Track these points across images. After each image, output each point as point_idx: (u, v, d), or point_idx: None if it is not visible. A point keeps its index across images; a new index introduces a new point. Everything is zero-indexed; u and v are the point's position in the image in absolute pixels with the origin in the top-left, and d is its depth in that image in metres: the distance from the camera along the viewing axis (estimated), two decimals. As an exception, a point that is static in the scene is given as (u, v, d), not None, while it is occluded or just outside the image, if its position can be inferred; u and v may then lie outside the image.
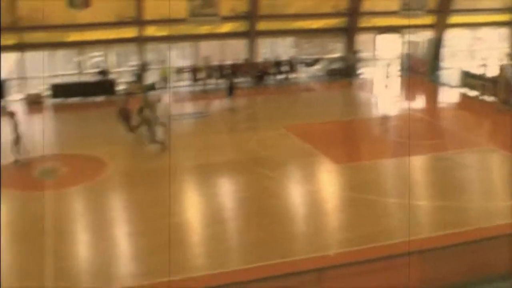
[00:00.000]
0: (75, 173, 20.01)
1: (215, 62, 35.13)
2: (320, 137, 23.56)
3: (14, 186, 19.00)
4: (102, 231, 15.59)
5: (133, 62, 34.85)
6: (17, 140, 20.69)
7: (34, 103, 31.72)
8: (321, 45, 40.24)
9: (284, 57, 37.48)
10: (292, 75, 36.95)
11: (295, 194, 18.29)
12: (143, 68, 33.67)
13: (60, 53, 34.98)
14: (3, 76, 33.15)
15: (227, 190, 18.73)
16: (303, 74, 37.61)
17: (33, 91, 32.74)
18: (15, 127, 20.75)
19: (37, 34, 32.36)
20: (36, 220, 16.10)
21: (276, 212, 16.25)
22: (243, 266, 13.26)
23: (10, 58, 34.19)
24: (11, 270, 13.80)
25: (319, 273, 11.44)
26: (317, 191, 18.24)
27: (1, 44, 31.61)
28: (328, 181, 19.39)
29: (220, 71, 34.78)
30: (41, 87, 32.95)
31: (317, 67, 38.23)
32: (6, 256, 14.63)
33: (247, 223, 15.72)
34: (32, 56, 33.39)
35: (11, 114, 21.03)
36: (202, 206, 17.22)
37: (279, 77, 36.78)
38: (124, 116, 23.60)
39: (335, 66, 38.18)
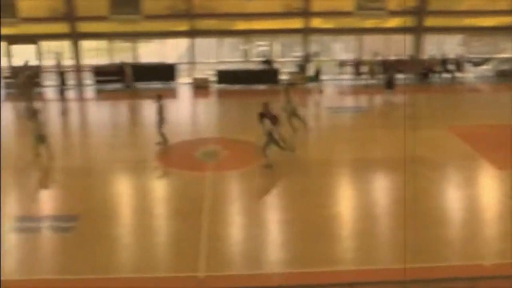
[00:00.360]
0: (235, 157, 20.68)
1: (379, 57, 34.66)
2: (484, 141, 22.50)
3: (176, 165, 20.04)
4: (255, 216, 16.02)
5: (297, 53, 35.28)
6: (160, 123, 21.48)
7: (200, 87, 33.13)
8: (491, 44, 38.40)
9: (451, 55, 36.20)
10: (458, 74, 35.59)
11: (453, 197, 17.64)
12: (306, 59, 33.99)
13: (228, 41, 36.20)
14: (175, 59, 35.08)
15: (382, 186, 18.49)
16: (470, 73, 36.13)
17: (200, 75, 34.18)
18: (161, 110, 21.59)
19: (207, 22, 33.71)
20: (195, 200, 16.91)
21: (431, 214, 15.78)
22: (392, 266, 13.05)
23: (181, 44, 35.98)
24: (168, 246, 14.62)
25: (472, 282, 11.01)
26: (476, 197, 17.50)
27: (175, 30, 33.42)
28: (489, 187, 18.50)
29: (384, 66, 34.27)
30: (208, 73, 34.35)
31: (486, 67, 36.53)
32: (165, 232, 15.56)
33: (400, 222, 15.40)
34: (201, 42, 34.88)
35: (159, 97, 21.84)
36: (355, 201, 17.12)
37: (445, 75, 35.57)
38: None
39: (506, 67, 36.27)
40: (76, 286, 12.53)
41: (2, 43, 34.14)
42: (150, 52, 36.75)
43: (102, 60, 35.13)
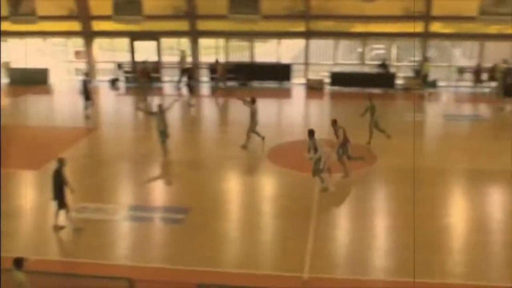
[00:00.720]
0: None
1: (506, 65, 32.84)
2: None
3: (287, 165, 20.14)
4: (362, 220, 15.84)
5: (414, 57, 34.45)
6: (252, 126, 21.71)
7: (314, 88, 33.14)
8: None
9: None
10: None
11: None
12: (423, 64, 33.14)
13: (343, 43, 35.93)
14: (290, 60, 35.28)
15: (497, 199, 17.73)
16: None
17: (315, 77, 34.18)
18: (254, 113, 21.77)
19: (324, 23, 33.64)
20: (303, 200, 17.01)
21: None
22: (504, 284, 12.52)
23: (297, 44, 36.12)
24: (274, 244, 14.75)
25: None
26: None
27: (292, 30, 33.64)
28: None
29: (504, 74, 32.64)
30: (322, 74, 34.29)
31: None
32: (271, 230, 15.71)
33: (514, 238, 14.76)
34: (316, 44, 34.86)
35: (252, 101, 21.89)
36: (467, 213, 16.54)
37: None
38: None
39: None
40: (182, 276, 12.89)
41: (126, 39, 35.77)
42: (266, 51, 37.14)
43: (220, 58, 35.88)
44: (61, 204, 15.02)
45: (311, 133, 17.66)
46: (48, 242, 15.02)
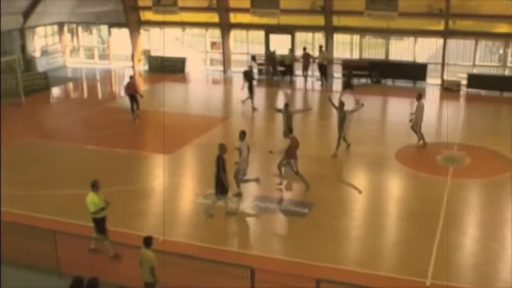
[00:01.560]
0: (477, 166, 19.72)
1: None
2: None
3: (415, 167, 19.68)
4: (493, 229, 15.16)
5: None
6: (341, 128, 20.79)
7: (449, 89, 32.01)
8: None
9: None
10: None
11: None
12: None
13: (484, 43, 34.40)
14: (425, 59, 34.35)
15: None
16: None
17: (451, 78, 32.99)
18: (343, 117, 20.85)
19: (464, 22, 32.36)
20: (430, 203, 16.54)
21: None
22: None
23: (433, 43, 35.00)
24: (396, 246, 14.46)
25: None
26: None
27: (430, 28, 32.67)
28: None
29: None
30: (459, 75, 33.04)
31: None
32: (394, 232, 15.43)
33: None
34: (454, 43, 33.63)
35: (342, 104, 21.13)
36: None
37: None
38: None
39: None
40: (303, 269, 12.95)
41: (261, 31, 36.32)
42: (402, 49, 36.26)
43: (355, 54, 35.56)
44: (221, 189, 15.65)
45: (241, 134, 17.03)
46: (176, 224, 15.63)
